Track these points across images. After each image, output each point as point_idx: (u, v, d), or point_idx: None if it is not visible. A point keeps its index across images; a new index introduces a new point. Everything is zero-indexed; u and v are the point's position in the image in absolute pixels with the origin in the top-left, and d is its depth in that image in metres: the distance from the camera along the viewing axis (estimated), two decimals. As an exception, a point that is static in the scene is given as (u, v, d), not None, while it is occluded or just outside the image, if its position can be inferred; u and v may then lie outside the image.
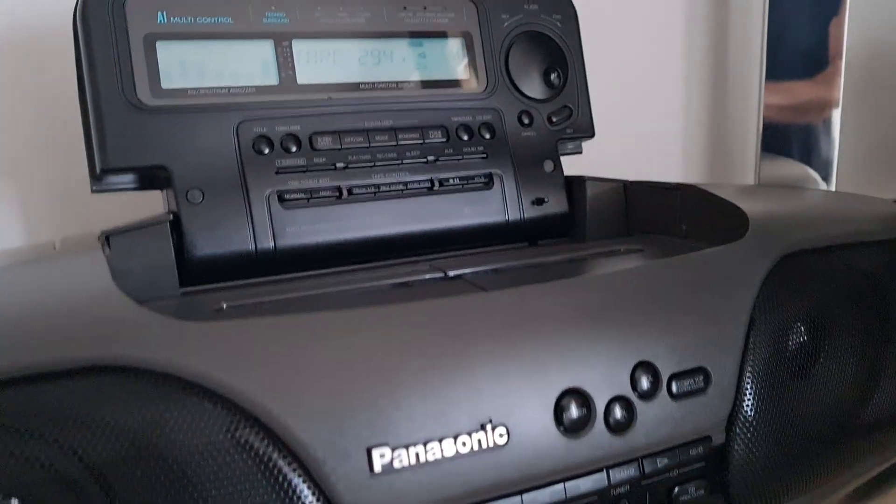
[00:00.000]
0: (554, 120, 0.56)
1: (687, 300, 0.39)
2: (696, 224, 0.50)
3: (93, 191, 0.45)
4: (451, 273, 0.45)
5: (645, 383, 0.37)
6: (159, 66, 0.46)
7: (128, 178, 0.46)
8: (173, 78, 0.46)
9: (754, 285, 0.41)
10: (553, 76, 0.56)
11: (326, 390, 0.31)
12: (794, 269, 0.44)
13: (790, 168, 0.79)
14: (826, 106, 0.78)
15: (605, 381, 0.36)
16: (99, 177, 0.45)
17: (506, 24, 0.55)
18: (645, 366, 0.37)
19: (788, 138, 0.79)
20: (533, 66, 0.56)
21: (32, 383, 0.29)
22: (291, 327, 0.32)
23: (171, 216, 0.44)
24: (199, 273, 0.45)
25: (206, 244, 0.45)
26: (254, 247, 0.46)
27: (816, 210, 0.50)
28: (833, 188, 0.79)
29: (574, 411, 0.35)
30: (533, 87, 0.56)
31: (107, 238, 0.42)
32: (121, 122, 0.44)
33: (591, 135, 0.57)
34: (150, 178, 0.46)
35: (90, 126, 0.44)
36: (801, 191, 0.58)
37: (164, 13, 0.46)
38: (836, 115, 0.78)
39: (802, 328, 0.46)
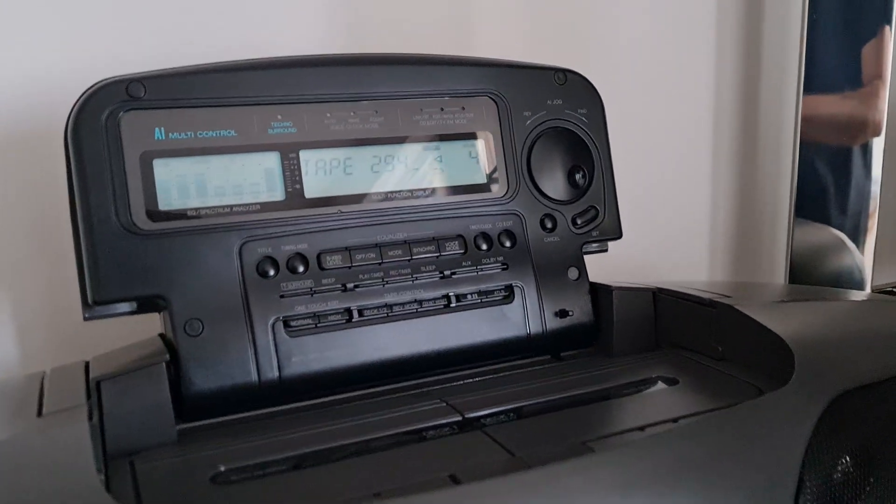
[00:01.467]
0: (578, 222, 0.53)
1: (731, 467, 0.35)
2: (733, 346, 0.47)
3: (85, 318, 0.42)
4: (469, 415, 0.41)
5: (685, 565, 0.33)
6: (156, 186, 0.42)
7: (122, 307, 0.42)
8: (171, 198, 0.43)
9: (803, 441, 0.37)
10: (578, 175, 0.53)
11: None
12: (841, 412, 0.40)
13: (824, 227, 0.76)
14: (864, 130, 0.74)
15: (642, 569, 0.32)
16: (91, 306, 0.42)
17: (528, 121, 0.52)
18: (685, 546, 0.33)
19: (824, 165, 0.75)
20: (557, 165, 0.52)
21: None
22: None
23: (167, 355, 0.41)
24: (197, 407, 0.42)
25: (206, 379, 0.42)
26: (257, 379, 0.43)
27: (860, 337, 0.46)
28: (872, 230, 0.75)
29: None
30: (556, 188, 0.52)
31: (97, 384, 0.39)
32: (114, 249, 0.41)
33: (618, 236, 0.54)
34: (147, 305, 0.43)
35: (81, 251, 0.41)
36: (838, 299, 0.54)
37: (162, 129, 0.43)
38: (878, 144, 0.74)
39: (850, 463, 0.42)
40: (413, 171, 0.49)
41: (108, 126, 0.42)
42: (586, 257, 0.53)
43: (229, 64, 0.45)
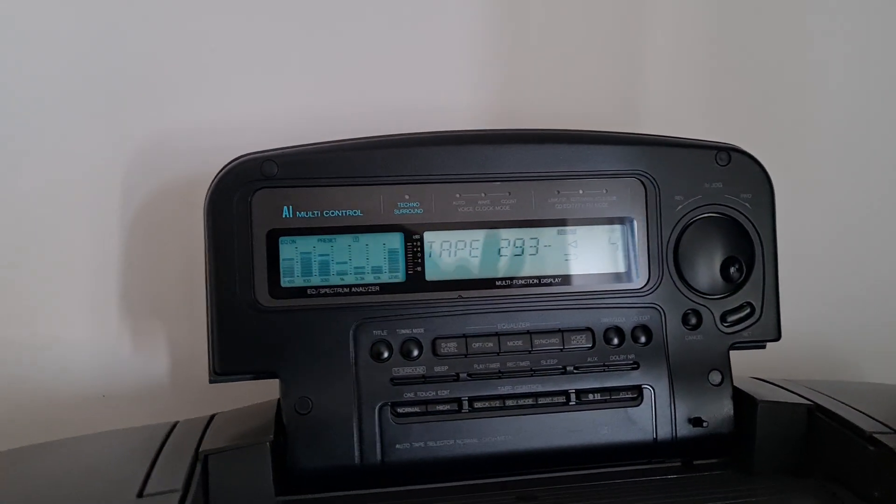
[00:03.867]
0: (729, 320, 0.47)
1: None
2: (892, 495, 0.40)
3: (210, 382, 0.44)
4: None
5: None
6: (280, 263, 0.43)
7: (243, 376, 0.44)
8: (294, 276, 0.44)
9: None
10: (733, 268, 0.47)
11: None
12: None
13: None
14: None
15: None
16: (213, 374, 0.44)
17: (679, 207, 0.47)
18: None
19: None
20: (709, 255, 0.47)
21: None
22: None
23: (271, 435, 0.42)
24: (298, 481, 0.43)
25: (309, 457, 0.43)
26: (359, 462, 0.43)
27: None
28: None
29: None
30: (706, 281, 0.47)
31: (205, 457, 0.41)
32: (236, 324, 0.43)
33: (775, 338, 0.48)
34: (266, 375, 0.44)
35: (208, 320, 0.43)
36: None
37: (291, 207, 0.44)
38: None
39: None
40: (544, 256, 0.46)
41: (240, 204, 0.43)
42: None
43: (358, 142, 0.45)
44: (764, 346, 0.49)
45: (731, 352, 0.47)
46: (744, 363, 0.51)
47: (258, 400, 0.50)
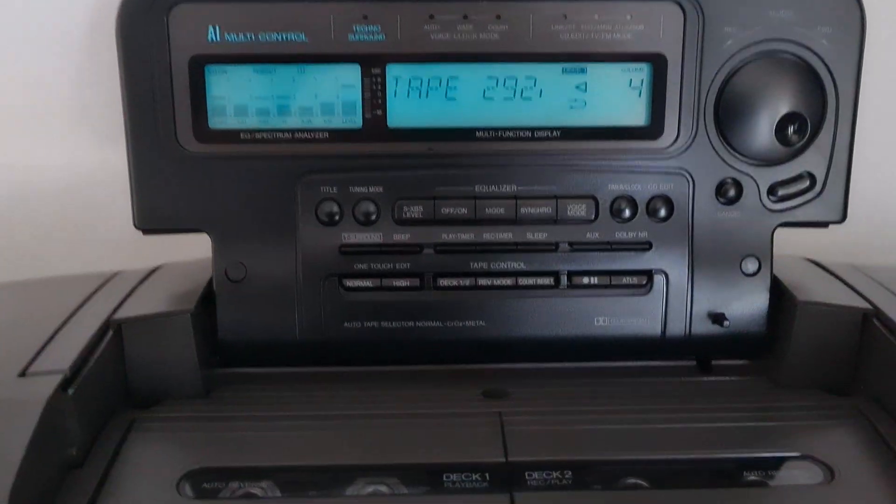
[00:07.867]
0: (779, 194, 0.37)
1: None
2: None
3: (144, 234, 0.38)
4: (515, 458, 0.31)
5: None
6: (207, 99, 0.35)
7: (168, 230, 0.37)
8: (225, 116, 0.36)
9: None
10: (792, 127, 0.36)
11: None
12: None
13: None
14: None
15: None
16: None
17: (729, 41, 0.35)
18: None
19: None
20: (763, 109, 0.36)
21: None
22: None
23: (192, 306, 0.36)
24: (228, 354, 0.38)
25: (242, 329, 0.37)
26: (299, 338, 0.37)
27: None
28: None
29: None
30: (755, 142, 0.36)
31: (118, 326, 0.35)
32: (156, 172, 0.36)
33: (838, 220, 0.38)
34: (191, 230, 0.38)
35: (128, 167, 0.36)
36: None
37: (217, 28, 0.35)
38: None
39: None
40: (541, 102, 0.36)
41: (155, 24, 0.34)
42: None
43: (303, -55, 0.34)
44: (826, 226, 0.39)
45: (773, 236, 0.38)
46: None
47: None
